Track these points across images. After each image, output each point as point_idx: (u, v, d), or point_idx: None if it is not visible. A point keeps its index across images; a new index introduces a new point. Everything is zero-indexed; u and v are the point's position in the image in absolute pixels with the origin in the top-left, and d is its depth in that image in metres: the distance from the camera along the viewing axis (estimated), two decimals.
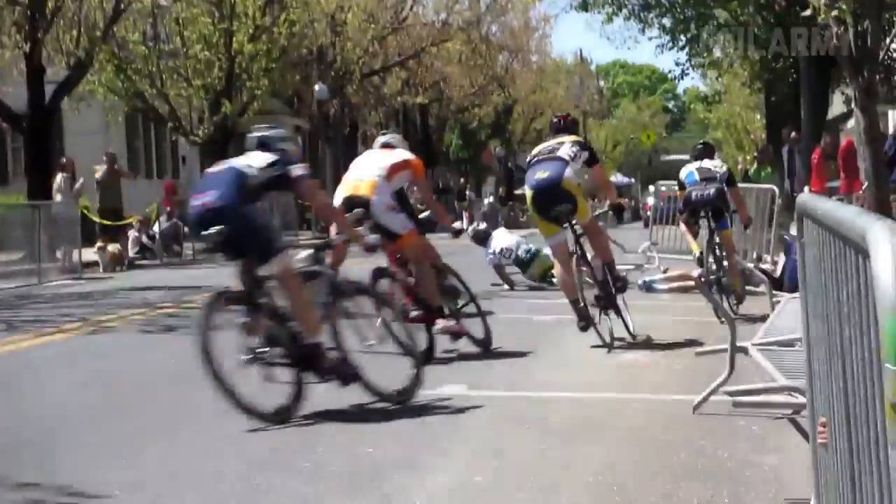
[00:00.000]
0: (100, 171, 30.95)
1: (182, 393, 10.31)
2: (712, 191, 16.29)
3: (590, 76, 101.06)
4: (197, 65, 38.85)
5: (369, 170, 12.47)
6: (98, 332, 15.46)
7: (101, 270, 27.30)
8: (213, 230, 8.99)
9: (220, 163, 9.88)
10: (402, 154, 12.86)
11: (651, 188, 21.74)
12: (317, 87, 47.30)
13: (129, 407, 10.06)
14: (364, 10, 48.67)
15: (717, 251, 16.36)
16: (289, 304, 9.30)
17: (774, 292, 15.61)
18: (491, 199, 58.71)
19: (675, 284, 19.17)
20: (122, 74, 38.40)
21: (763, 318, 12.96)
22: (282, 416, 8.94)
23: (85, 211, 29.35)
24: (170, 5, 39.28)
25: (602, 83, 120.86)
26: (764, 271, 18.02)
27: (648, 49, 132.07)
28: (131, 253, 30.54)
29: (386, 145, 13.16)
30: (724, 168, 17.16)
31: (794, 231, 16.67)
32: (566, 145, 13.37)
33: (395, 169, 12.43)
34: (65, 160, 29.97)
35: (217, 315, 9.07)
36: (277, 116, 51.24)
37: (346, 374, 9.53)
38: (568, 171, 13.17)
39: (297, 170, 9.51)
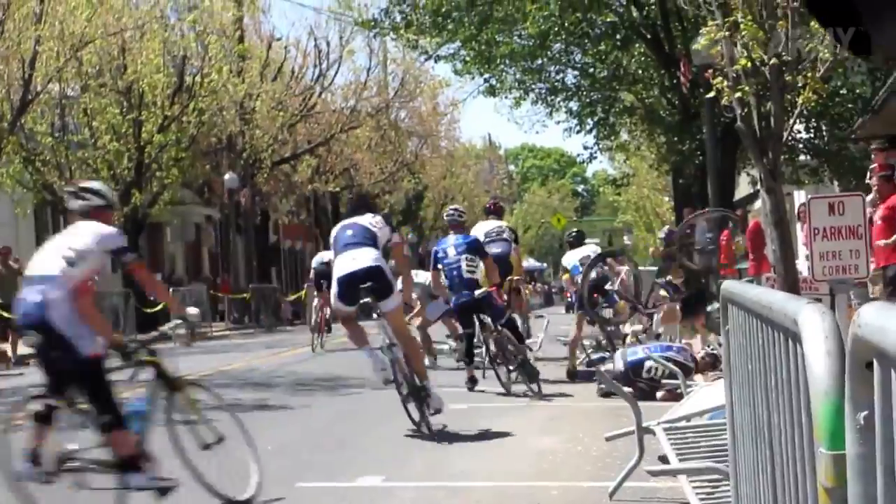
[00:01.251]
0: None
1: None
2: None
3: (499, 160, 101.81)
4: (106, 155, 38.57)
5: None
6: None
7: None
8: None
9: None
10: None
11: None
12: (227, 177, 47.19)
13: None
14: (273, 98, 48.68)
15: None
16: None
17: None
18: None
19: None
20: (31, 166, 38.06)
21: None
22: None
23: None
24: (78, 96, 39.04)
25: (512, 167, 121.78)
26: (714, 356, 18.05)
27: (556, 133, 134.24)
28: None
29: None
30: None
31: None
32: (507, 229, 15.50)
33: None
34: None
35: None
36: (188, 206, 51.05)
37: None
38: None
39: None
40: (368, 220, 14.06)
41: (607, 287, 19.53)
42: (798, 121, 21.69)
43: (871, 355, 2.38)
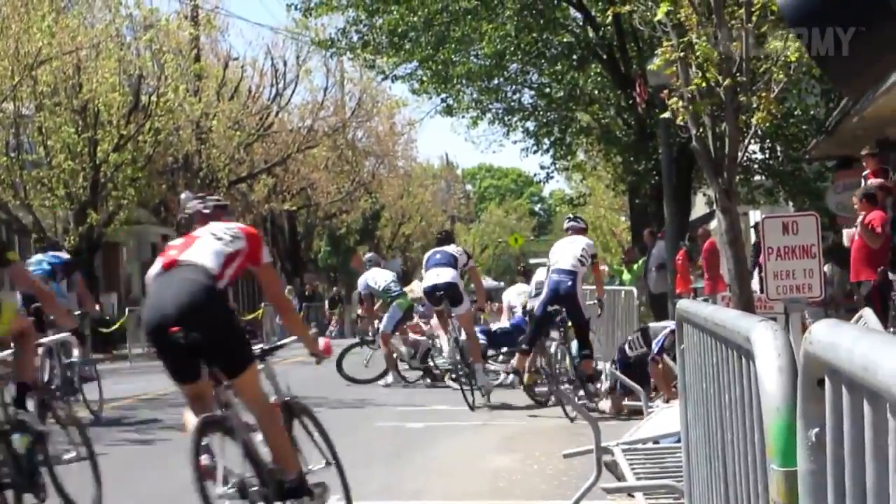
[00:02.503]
0: None
1: None
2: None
3: (456, 180, 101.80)
4: (61, 174, 38.32)
5: None
6: None
7: None
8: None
9: None
10: None
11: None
12: (183, 196, 46.87)
13: None
14: (229, 118, 48.54)
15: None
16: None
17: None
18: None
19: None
20: None
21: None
22: None
23: None
24: (32, 114, 38.81)
25: (469, 187, 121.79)
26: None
27: (513, 152, 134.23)
28: None
29: None
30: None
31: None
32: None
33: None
34: None
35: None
36: (144, 226, 50.83)
37: None
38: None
39: None
40: (453, 248, 19.25)
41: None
42: (753, 141, 21.84)
43: (823, 372, 2.40)
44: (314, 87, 59.39)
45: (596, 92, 33.20)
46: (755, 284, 18.97)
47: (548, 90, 33.68)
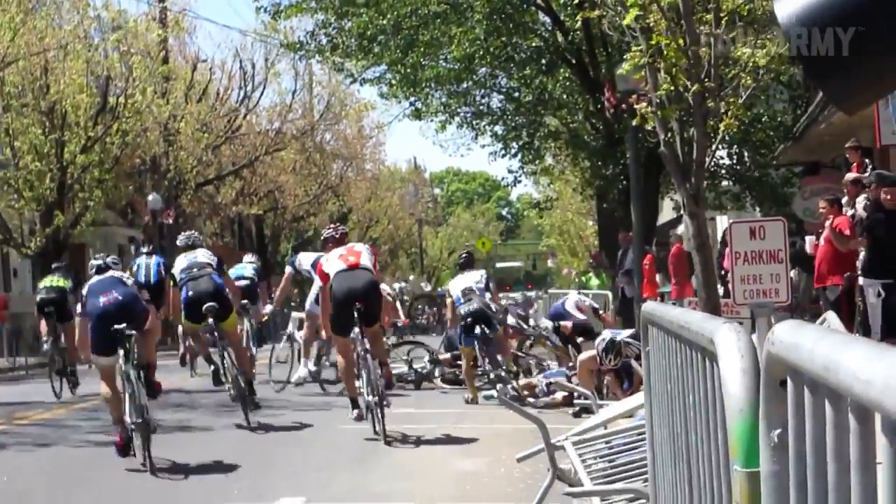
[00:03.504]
0: None
1: None
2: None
3: (424, 184, 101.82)
4: (28, 176, 38.12)
5: None
6: None
7: None
8: None
9: None
10: None
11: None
12: (150, 198, 46.86)
13: None
14: (197, 120, 48.38)
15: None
16: None
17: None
18: None
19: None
20: None
21: None
22: None
23: None
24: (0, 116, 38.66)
25: (437, 191, 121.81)
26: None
27: (482, 156, 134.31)
28: None
29: None
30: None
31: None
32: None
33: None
34: None
35: None
36: (111, 227, 50.64)
37: None
38: None
39: None
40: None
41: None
42: (720, 147, 21.93)
43: (785, 373, 2.42)
44: (282, 90, 59.31)
45: (564, 96, 33.25)
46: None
47: (516, 94, 33.73)
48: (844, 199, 17.63)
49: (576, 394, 16.81)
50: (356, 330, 14.40)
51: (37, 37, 37.50)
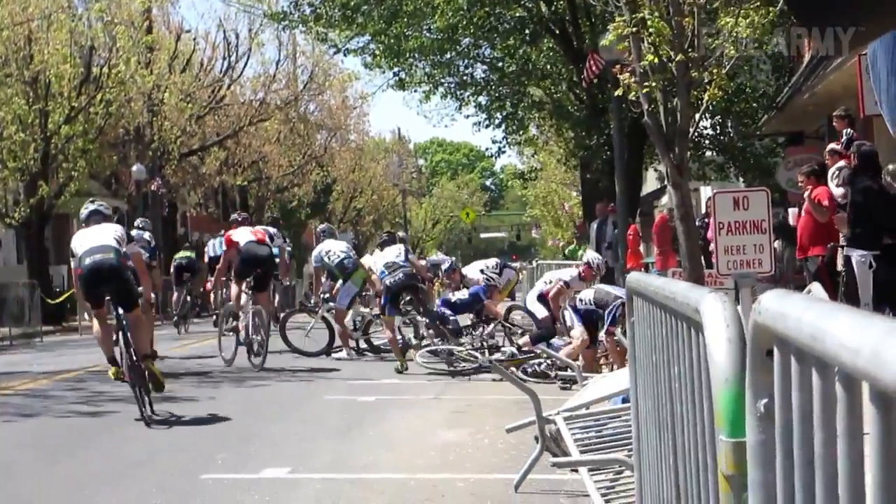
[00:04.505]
0: None
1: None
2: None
3: (408, 154, 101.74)
4: (12, 146, 38.00)
5: None
6: None
7: None
8: None
9: None
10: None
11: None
12: (134, 168, 46.72)
13: None
14: (181, 90, 48.22)
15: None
16: None
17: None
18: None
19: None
20: None
21: None
22: None
23: None
24: None
25: (421, 161, 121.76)
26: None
27: (466, 127, 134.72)
28: None
29: None
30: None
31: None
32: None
33: None
34: None
35: None
36: (95, 198, 50.51)
37: None
38: None
39: None
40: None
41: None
42: (704, 117, 21.92)
43: (772, 342, 2.41)
44: (266, 60, 59.35)
45: (548, 67, 33.23)
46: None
47: (500, 65, 33.67)
48: (831, 171, 17.63)
49: (559, 363, 16.80)
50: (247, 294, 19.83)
51: (20, 6, 37.38)
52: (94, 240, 13.91)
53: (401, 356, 19.47)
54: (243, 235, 20.12)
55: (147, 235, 21.60)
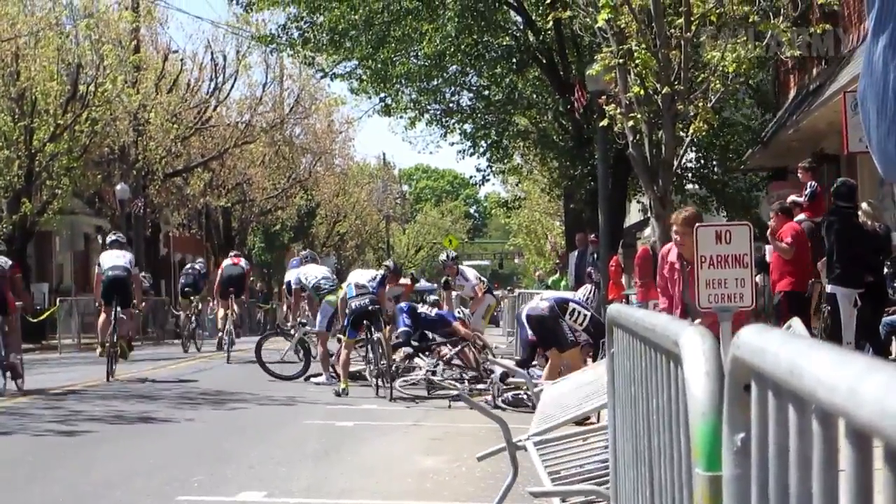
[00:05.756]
0: None
1: None
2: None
3: (393, 180, 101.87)
4: None
5: None
6: None
7: None
8: None
9: None
10: None
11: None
12: (118, 187, 46.67)
13: None
14: (167, 110, 48.26)
15: None
16: None
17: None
18: None
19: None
20: None
21: None
22: None
23: None
24: None
25: (405, 187, 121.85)
26: None
27: (450, 154, 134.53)
28: None
29: None
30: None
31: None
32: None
33: None
34: None
35: None
36: (78, 216, 50.45)
37: None
38: None
39: None
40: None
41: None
42: (688, 150, 21.99)
43: (749, 377, 2.41)
44: (253, 83, 59.37)
45: (534, 96, 33.32)
46: None
47: (486, 93, 33.77)
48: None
49: (511, 373, 16.79)
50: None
51: (8, 23, 37.38)
52: (115, 260, 21.95)
53: (346, 379, 19.53)
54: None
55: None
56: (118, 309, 21.39)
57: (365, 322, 19.84)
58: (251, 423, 15.88)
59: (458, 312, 23.92)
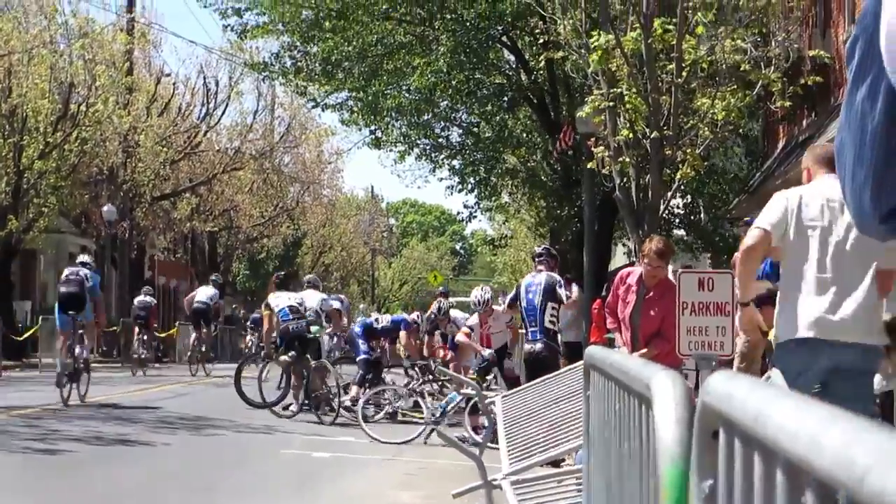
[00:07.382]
0: None
1: None
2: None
3: (380, 213, 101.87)
4: None
5: None
6: None
7: None
8: None
9: None
10: None
11: None
12: (105, 208, 46.59)
13: None
14: (158, 133, 48.26)
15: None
16: None
17: None
18: None
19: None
20: None
21: None
22: None
23: None
24: None
25: (392, 221, 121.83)
26: None
27: (438, 189, 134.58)
28: None
29: None
30: None
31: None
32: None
33: None
34: None
35: None
36: (64, 235, 50.34)
37: None
38: None
39: None
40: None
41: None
42: (675, 195, 22.05)
43: (718, 424, 2.43)
44: (244, 110, 59.40)
45: (524, 135, 33.40)
46: None
47: (476, 129, 33.84)
48: None
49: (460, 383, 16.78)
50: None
51: (2, 39, 37.39)
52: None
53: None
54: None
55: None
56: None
57: (297, 345, 20.34)
58: (228, 451, 15.87)
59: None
